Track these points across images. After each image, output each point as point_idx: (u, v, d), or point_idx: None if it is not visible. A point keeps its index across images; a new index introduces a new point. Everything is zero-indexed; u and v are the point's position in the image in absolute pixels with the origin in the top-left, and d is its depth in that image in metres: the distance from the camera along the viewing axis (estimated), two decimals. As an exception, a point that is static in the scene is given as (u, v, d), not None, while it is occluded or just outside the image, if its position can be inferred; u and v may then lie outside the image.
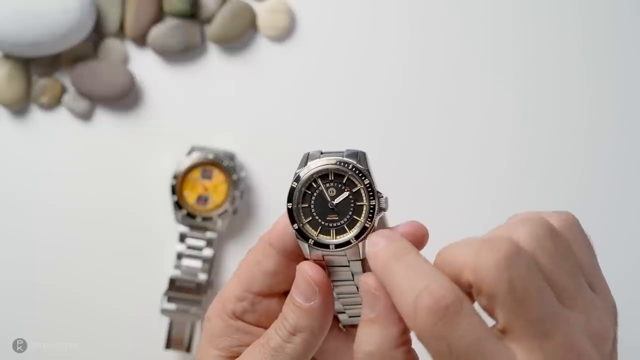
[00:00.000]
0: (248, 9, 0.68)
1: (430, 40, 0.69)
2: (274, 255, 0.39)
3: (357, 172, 0.37)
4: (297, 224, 0.37)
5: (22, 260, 0.69)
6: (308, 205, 0.38)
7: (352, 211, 0.37)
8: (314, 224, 0.38)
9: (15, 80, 0.67)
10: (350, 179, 0.37)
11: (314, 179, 0.38)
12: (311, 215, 0.38)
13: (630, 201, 0.68)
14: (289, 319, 0.38)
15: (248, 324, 0.40)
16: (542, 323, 0.30)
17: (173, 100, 0.69)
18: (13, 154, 0.69)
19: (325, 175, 0.38)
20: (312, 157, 0.38)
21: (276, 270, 0.40)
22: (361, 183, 0.37)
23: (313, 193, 0.38)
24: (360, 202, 0.37)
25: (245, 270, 0.40)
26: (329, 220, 0.37)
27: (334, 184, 0.38)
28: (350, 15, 0.69)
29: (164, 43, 0.68)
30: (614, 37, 0.69)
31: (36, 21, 0.64)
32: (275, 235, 0.39)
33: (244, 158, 0.68)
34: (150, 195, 0.68)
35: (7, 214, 0.69)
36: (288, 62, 0.69)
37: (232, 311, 0.40)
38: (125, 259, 0.68)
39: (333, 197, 0.38)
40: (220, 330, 0.40)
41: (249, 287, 0.40)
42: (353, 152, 0.38)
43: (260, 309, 0.40)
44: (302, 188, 0.38)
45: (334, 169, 0.37)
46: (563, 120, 0.69)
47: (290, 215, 0.37)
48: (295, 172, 0.38)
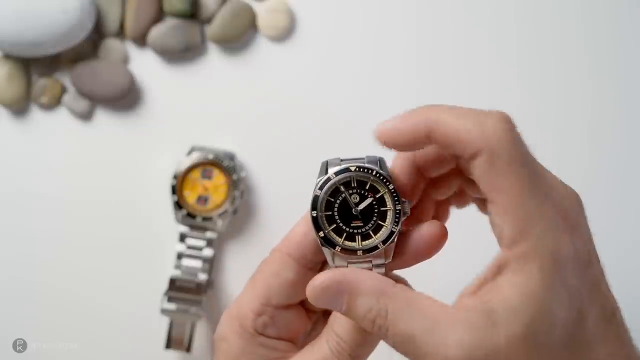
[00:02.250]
0: (248, 9, 0.68)
1: (431, 40, 0.69)
2: (293, 265, 0.39)
3: (380, 178, 0.38)
4: (322, 231, 0.38)
5: (22, 261, 0.69)
6: (332, 213, 0.38)
7: (376, 217, 0.38)
8: (339, 231, 0.38)
9: (15, 80, 0.67)
10: (373, 185, 0.38)
11: (336, 186, 0.38)
12: (335, 223, 0.38)
13: (631, 201, 0.68)
14: (351, 342, 0.38)
15: (270, 339, 0.40)
16: (538, 177, 0.34)
17: (173, 100, 0.69)
18: (13, 154, 0.69)
19: (348, 182, 0.38)
20: (332, 164, 0.39)
21: (295, 280, 0.39)
22: (385, 188, 0.38)
23: (336, 200, 0.38)
24: (384, 207, 0.38)
25: (262, 283, 0.40)
26: (353, 226, 0.38)
27: (357, 190, 0.38)
28: (351, 15, 0.69)
29: (164, 43, 0.68)
30: (615, 37, 0.69)
31: (36, 21, 0.64)
32: (294, 245, 0.39)
33: (244, 158, 0.68)
34: (150, 195, 0.68)
35: (6, 214, 0.69)
36: (288, 62, 0.69)
37: (253, 327, 0.39)
38: (125, 258, 0.68)
39: (357, 203, 0.38)
40: (241, 349, 0.39)
41: (269, 300, 0.39)
42: (373, 159, 0.39)
43: (280, 321, 0.40)
44: (325, 196, 0.38)
45: (357, 175, 0.38)
46: (564, 120, 0.69)
47: (315, 223, 0.38)
48: (317, 180, 0.38)
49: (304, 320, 0.41)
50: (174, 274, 0.66)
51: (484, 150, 0.34)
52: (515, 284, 0.33)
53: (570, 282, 0.33)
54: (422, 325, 0.34)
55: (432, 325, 0.33)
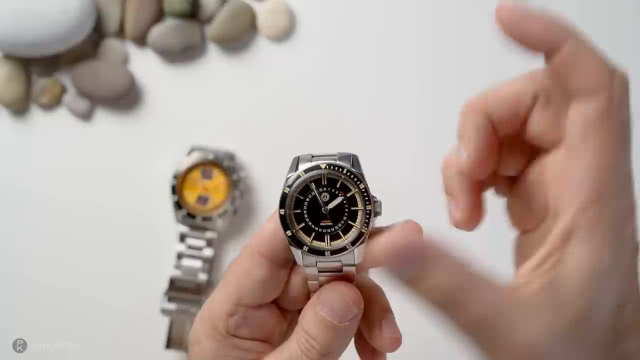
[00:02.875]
0: (248, 9, 0.68)
1: (431, 40, 0.69)
2: (263, 263, 0.38)
3: (351, 177, 0.36)
4: (290, 230, 0.36)
5: (22, 261, 0.69)
6: (301, 211, 0.36)
7: (346, 216, 0.36)
8: (307, 230, 0.36)
9: (15, 80, 0.67)
10: (344, 184, 0.36)
11: (306, 184, 0.36)
12: (304, 222, 0.36)
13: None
14: (318, 339, 0.36)
15: (243, 340, 0.38)
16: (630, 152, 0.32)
17: (173, 100, 0.69)
18: (13, 154, 0.69)
19: (318, 179, 0.37)
20: (303, 160, 0.37)
21: (267, 279, 0.38)
22: (356, 187, 0.36)
23: (305, 198, 0.37)
24: (355, 207, 0.36)
25: (233, 282, 0.38)
26: (322, 226, 0.36)
27: (327, 188, 0.37)
28: (350, 15, 0.69)
29: (164, 43, 0.68)
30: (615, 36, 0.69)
31: (36, 21, 0.64)
32: (264, 242, 0.38)
33: (244, 158, 0.68)
34: (151, 195, 0.68)
35: (6, 214, 0.69)
36: (288, 62, 0.69)
37: (225, 329, 0.38)
38: (125, 258, 0.68)
39: (327, 202, 0.37)
40: (215, 352, 0.38)
41: (240, 300, 0.38)
42: (345, 155, 0.37)
43: (252, 321, 0.38)
44: (294, 193, 0.36)
45: (327, 173, 0.36)
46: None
47: (283, 221, 0.36)
48: (286, 176, 0.37)
49: (278, 319, 0.39)
50: (174, 274, 0.66)
51: (604, 95, 0.31)
52: (582, 258, 0.31)
53: (626, 264, 0.32)
54: (491, 307, 0.31)
55: (500, 307, 0.31)
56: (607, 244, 0.31)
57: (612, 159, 0.31)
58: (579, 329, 0.31)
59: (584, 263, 0.31)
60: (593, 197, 0.31)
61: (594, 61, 0.32)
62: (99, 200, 0.69)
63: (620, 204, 0.32)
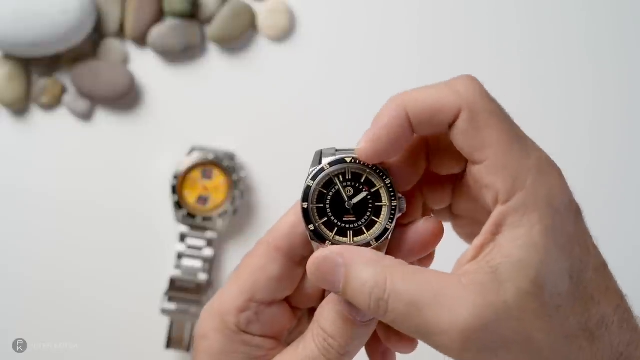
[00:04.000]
0: (248, 9, 0.68)
1: (431, 40, 0.69)
2: (279, 259, 0.37)
3: (377, 171, 0.36)
4: (312, 224, 0.36)
5: (22, 261, 0.69)
6: (323, 205, 0.36)
7: (370, 212, 0.36)
8: (330, 225, 0.36)
9: (15, 80, 0.67)
10: (369, 178, 0.36)
11: (330, 178, 0.36)
12: (326, 216, 0.36)
13: (631, 200, 0.68)
14: (337, 338, 0.36)
15: (253, 336, 0.38)
16: (518, 129, 0.34)
17: (173, 100, 0.69)
18: (13, 154, 0.69)
19: (343, 174, 0.36)
20: (326, 154, 0.36)
21: (282, 275, 0.37)
22: (381, 182, 0.36)
23: (329, 192, 0.36)
24: (380, 203, 0.36)
25: (247, 278, 0.37)
26: (345, 221, 0.36)
27: (351, 183, 0.36)
28: (350, 15, 0.69)
29: (164, 43, 0.68)
30: (616, 36, 0.69)
31: (36, 21, 0.64)
32: (282, 237, 0.37)
33: (244, 158, 0.68)
34: (151, 195, 0.68)
35: (6, 214, 0.69)
36: (288, 62, 0.69)
37: (236, 324, 0.37)
38: (125, 258, 0.68)
39: (350, 196, 0.36)
40: (223, 347, 0.37)
41: (253, 295, 0.37)
42: None
43: (264, 318, 0.38)
44: (317, 187, 0.36)
45: (352, 167, 0.36)
46: (566, 119, 0.69)
47: (306, 215, 0.36)
48: (310, 170, 0.36)
49: (289, 317, 0.39)
50: (174, 273, 0.66)
51: (463, 109, 0.33)
52: (516, 238, 0.32)
53: (569, 230, 0.33)
54: (426, 295, 0.32)
55: (437, 294, 0.31)
56: (536, 221, 0.32)
57: (508, 151, 0.33)
58: (528, 302, 0.31)
59: (519, 242, 0.32)
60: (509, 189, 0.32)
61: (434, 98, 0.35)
62: (99, 200, 0.69)
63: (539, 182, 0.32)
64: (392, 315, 0.32)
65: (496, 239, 0.32)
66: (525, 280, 0.31)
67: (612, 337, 0.33)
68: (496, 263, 0.32)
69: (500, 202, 0.33)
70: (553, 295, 0.32)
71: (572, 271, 0.32)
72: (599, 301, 0.33)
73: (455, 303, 0.31)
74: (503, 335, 0.31)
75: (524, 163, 0.33)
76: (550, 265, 0.32)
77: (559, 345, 0.32)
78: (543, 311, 0.31)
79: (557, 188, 0.33)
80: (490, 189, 0.33)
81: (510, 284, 0.31)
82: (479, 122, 0.33)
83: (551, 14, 0.69)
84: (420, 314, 0.32)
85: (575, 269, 0.32)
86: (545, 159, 0.34)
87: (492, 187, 0.33)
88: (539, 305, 0.31)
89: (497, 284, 0.31)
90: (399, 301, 0.32)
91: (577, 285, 0.32)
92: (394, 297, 0.32)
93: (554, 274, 0.32)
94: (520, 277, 0.31)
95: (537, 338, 0.32)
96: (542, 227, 0.32)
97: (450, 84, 0.35)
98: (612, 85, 0.69)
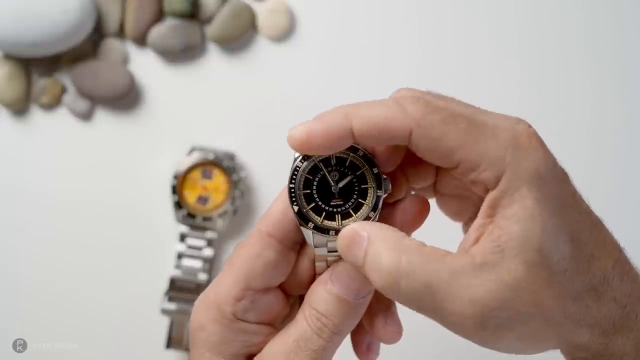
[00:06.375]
0: (248, 9, 0.68)
1: (431, 40, 0.69)
2: (274, 245, 0.38)
3: (360, 155, 0.37)
4: (299, 207, 0.36)
5: (22, 261, 0.69)
6: (310, 191, 0.37)
7: (356, 194, 0.37)
8: (318, 210, 0.37)
9: (15, 80, 0.67)
10: (353, 162, 0.37)
11: (315, 164, 0.37)
12: (314, 201, 0.37)
13: (631, 199, 0.69)
14: (331, 317, 0.37)
15: (250, 324, 0.38)
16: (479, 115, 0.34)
17: (173, 100, 0.69)
18: (13, 154, 0.69)
19: (327, 160, 0.37)
20: None
21: (277, 261, 0.38)
22: (365, 165, 0.37)
23: (315, 178, 0.37)
24: (365, 185, 0.37)
25: (241, 266, 0.38)
26: (333, 205, 0.37)
27: (336, 167, 0.37)
28: (350, 15, 0.69)
29: (164, 43, 0.68)
30: (616, 36, 0.69)
31: (36, 21, 0.64)
32: (274, 222, 0.38)
33: (244, 158, 0.68)
34: (151, 195, 0.68)
35: (6, 214, 0.69)
36: (288, 62, 0.69)
37: (233, 313, 0.38)
38: (125, 258, 0.68)
39: (336, 181, 0.37)
40: (221, 337, 0.38)
41: (249, 284, 0.38)
42: None
43: (260, 305, 0.38)
44: (303, 174, 0.37)
45: (336, 153, 0.37)
46: (565, 120, 0.69)
47: (292, 197, 0.36)
48: (295, 156, 0.37)
49: (283, 303, 0.39)
50: (174, 273, 0.66)
51: (414, 128, 0.34)
52: (512, 215, 0.33)
53: (558, 194, 0.34)
54: (442, 275, 0.32)
55: (452, 273, 0.32)
56: (527, 193, 0.33)
57: (477, 142, 0.34)
58: (538, 272, 0.32)
59: (515, 217, 0.33)
60: (496, 173, 0.33)
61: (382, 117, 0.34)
62: (99, 200, 0.69)
63: (520, 157, 0.33)
64: (405, 294, 0.33)
65: (494, 221, 0.33)
66: (531, 252, 0.32)
67: (615, 292, 0.34)
68: (501, 242, 0.33)
69: (490, 188, 0.34)
70: (559, 261, 0.33)
71: (571, 233, 0.33)
72: (599, 257, 0.34)
73: (472, 283, 0.32)
74: (519, 310, 0.32)
75: (495, 145, 0.33)
76: (550, 232, 0.33)
77: (568, 308, 0.33)
78: (553, 278, 0.33)
79: (536, 157, 0.34)
80: (476, 184, 0.34)
81: (518, 259, 0.32)
82: (433, 135, 0.34)
83: (551, 13, 0.69)
84: (436, 295, 0.32)
85: (574, 231, 0.33)
86: (516, 131, 0.34)
87: (477, 181, 0.34)
88: (548, 274, 0.32)
89: (507, 261, 0.32)
90: (415, 280, 0.33)
91: (578, 246, 0.33)
92: (409, 276, 0.33)
93: (556, 240, 0.33)
94: (526, 250, 0.32)
95: (549, 305, 0.33)
96: (533, 198, 0.33)
97: (399, 101, 0.35)
98: (612, 85, 0.69)
